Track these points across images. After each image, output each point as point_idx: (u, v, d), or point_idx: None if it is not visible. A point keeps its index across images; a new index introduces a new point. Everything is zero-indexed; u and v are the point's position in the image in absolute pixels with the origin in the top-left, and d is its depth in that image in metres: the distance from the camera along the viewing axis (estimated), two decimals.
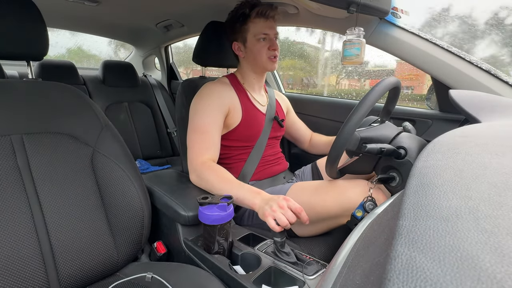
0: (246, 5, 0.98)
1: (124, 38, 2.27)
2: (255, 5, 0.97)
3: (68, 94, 0.78)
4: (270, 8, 0.97)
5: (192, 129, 0.95)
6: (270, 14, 0.97)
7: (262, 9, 0.96)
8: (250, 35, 0.99)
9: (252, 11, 0.97)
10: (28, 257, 0.62)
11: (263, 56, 0.99)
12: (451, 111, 1.03)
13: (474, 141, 0.35)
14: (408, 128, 0.84)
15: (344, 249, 0.33)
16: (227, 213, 0.69)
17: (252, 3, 0.97)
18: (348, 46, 0.91)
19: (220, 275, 0.67)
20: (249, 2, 0.98)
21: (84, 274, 0.68)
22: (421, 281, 0.16)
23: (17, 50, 0.72)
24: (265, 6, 0.96)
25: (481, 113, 0.60)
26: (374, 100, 0.68)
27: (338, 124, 1.31)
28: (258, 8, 0.96)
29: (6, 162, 0.64)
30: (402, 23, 0.99)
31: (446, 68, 0.92)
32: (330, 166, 0.75)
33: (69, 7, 1.44)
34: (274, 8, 0.98)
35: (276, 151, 1.14)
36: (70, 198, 0.69)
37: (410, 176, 0.29)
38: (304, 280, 0.61)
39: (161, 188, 0.87)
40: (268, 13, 0.97)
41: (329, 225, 0.87)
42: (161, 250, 0.83)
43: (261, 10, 0.96)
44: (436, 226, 0.20)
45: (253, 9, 0.96)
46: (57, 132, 0.72)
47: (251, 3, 0.97)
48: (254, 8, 0.96)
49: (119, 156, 0.78)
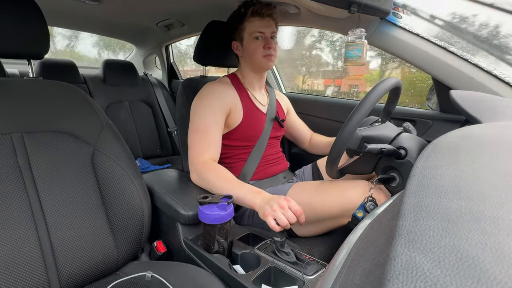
0: (243, 4, 0.99)
1: (125, 37, 2.27)
2: (252, 4, 0.98)
3: (69, 93, 0.78)
4: (266, 6, 0.98)
5: (193, 129, 0.95)
6: (266, 12, 0.98)
7: (258, 8, 0.97)
8: (246, 33, 1.00)
9: (248, 10, 0.98)
10: (28, 255, 0.62)
11: (258, 54, 0.99)
12: (451, 111, 1.02)
13: (474, 142, 0.35)
14: (409, 129, 0.84)
15: (344, 249, 0.33)
16: (227, 212, 0.69)
17: (249, 3, 0.98)
18: (350, 47, 0.91)
19: (220, 274, 0.67)
20: (248, 2, 0.99)
21: (84, 272, 0.68)
22: (421, 282, 0.16)
23: (18, 48, 0.72)
24: (261, 5, 0.98)
25: (482, 114, 0.60)
26: (374, 100, 0.68)
27: (338, 124, 1.31)
28: (254, 7, 0.97)
29: (6, 161, 0.64)
30: (403, 24, 0.99)
31: (447, 69, 0.92)
32: (330, 166, 0.75)
33: (70, 6, 1.44)
34: (272, 7, 0.99)
35: (277, 150, 1.14)
36: (71, 197, 0.69)
37: (410, 176, 0.29)
38: (304, 279, 0.61)
39: (161, 187, 0.88)
40: (264, 11, 0.98)
41: (330, 225, 0.87)
42: (161, 249, 0.83)
43: (257, 9, 0.97)
44: (436, 227, 0.20)
45: (249, 8, 0.98)
46: (57, 131, 0.72)
47: (248, 3, 0.98)
48: (250, 7, 0.97)
49: (120, 155, 0.78)
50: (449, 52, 0.93)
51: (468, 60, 0.90)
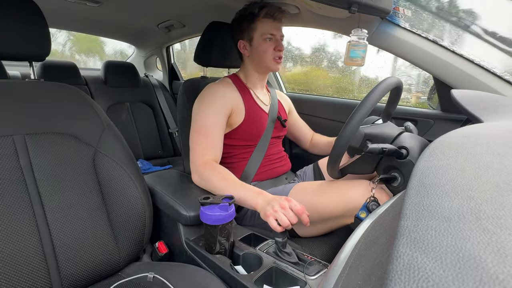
0: (255, 5, 1.00)
1: (126, 39, 2.28)
2: (264, 5, 0.99)
3: (70, 94, 0.79)
4: (279, 10, 1.00)
5: (195, 129, 0.95)
6: (278, 15, 1.00)
7: (271, 10, 0.99)
8: (257, 34, 1.00)
9: (261, 11, 0.99)
10: (30, 257, 0.62)
11: (269, 56, 1.00)
12: (453, 111, 1.02)
13: (476, 141, 0.34)
14: (410, 128, 0.84)
15: (346, 249, 0.33)
16: (228, 213, 0.69)
17: (262, 4, 1.00)
18: (354, 47, 0.91)
19: (222, 275, 0.67)
20: (258, 3, 1.01)
21: (86, 273, 0.68)
22: (423, 282, 0.16)
23: (19, 50, 0.73)
24: (274, 8, 0.99)
25: (483, 113, 0.60)
26: (375, 100, 0.68)
27: (339, 124, 1.31)
28: (267, 8, 0.99)
29: (8, 162, 0.65)
30: (404, 23, 0.99)
31: (448, 68, 0.92)
32: (331, 166, 0.75)
33: (71, 8, 1.45)
34: (282, 10, 1.01)
35: (279, 149, 1.14)
36: (72, 198, 0.70)
37: (412, 176, 0.29)
38: (306, 280, 0.61)
39: (163, 188, 0.88)
40: (276, 14, 0.99)
41: (332, 225, 0.87)
42: (163, 250, 0.83)
43: (270, 11, 0.99)
44: (438, 226, 0.20)
45: (262, 9, 0.99)
46: (59, 133, 0.72)
47: (261, 4, 1.00)
48: (263, 8, 0.99)
49: (121, 156, 0.78)
50: (450, 51, 0.92)
51: (469, 59, 0.90)
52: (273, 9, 0.99)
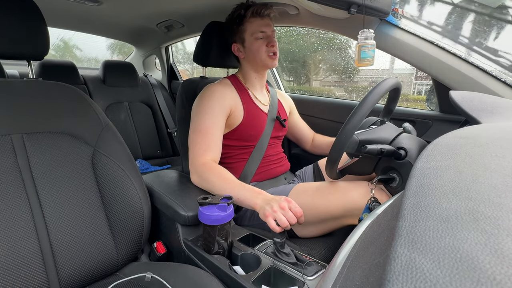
0: (241, 6, 1.00)
1: (125, 38, 2.27)
2: (250, 5, 0.99)
3: (69, 93, 0.78)
4: (265, 6, 0.99)
5: (194, 130, 0.95)
6: (265, 12, 1.00)
7: (257, 8, 0.99)
8: (248, 34, 1.00)
9: (247, 11, 0.99)
10: (28, 256, 0.62)
11: (262, 53, 1.00)
12: (451, 112, 1.03)
13: (474, 142, 0.35)
14: (408, 129, 0.84)
15: (344, 250, 0.33)
16: (227, 213, 0.69)
17: (247, 4, 1.00)
18: (365, 48, 0.90)
19: (220, 275, 0.67)
20: (244, 4, 1.01)
21: (83, 273, 0.68)
22: (421, 282, 0.16)
23: (18, 49, 0.72)
24: (260, 5, 0.99)
25: (482, 114, 0.60)
26: (374, 101, 0.68)
27: (339, 125, 1.31)
28: (253, 8, 0.99)
29: (6, 162, 0.64)
30: (403, 24, 0.99)
31: (446, 69, 0.92)
32: (330, 167, 0.75)
33: (70, 7, 1.44)
34: (269, 6, 1.01)
35: (278, 151, 1.14)
36: (70, 198, 0.69)
37: (410, 177, 0.29)
38: (304, 280, 0.61)
39: (161, 188, 0.88)
40: (263, 11, 0.99)
41: (331, 226, 0.87)
42: (161, 250, 0.83)
43: (256, 9, 0.99)
44: (436, 227, 0.20)
45: (248, 10, 0.99)
46: (57, 132, 0.72)
47: (246, 5, 1.00)
48: (249, 8, 0.99)
49: (119, 156, 0.78)
50: (449, 53, 0.93)
51: (468, 61, 0.91)
52: (259, 7, 0.99)
